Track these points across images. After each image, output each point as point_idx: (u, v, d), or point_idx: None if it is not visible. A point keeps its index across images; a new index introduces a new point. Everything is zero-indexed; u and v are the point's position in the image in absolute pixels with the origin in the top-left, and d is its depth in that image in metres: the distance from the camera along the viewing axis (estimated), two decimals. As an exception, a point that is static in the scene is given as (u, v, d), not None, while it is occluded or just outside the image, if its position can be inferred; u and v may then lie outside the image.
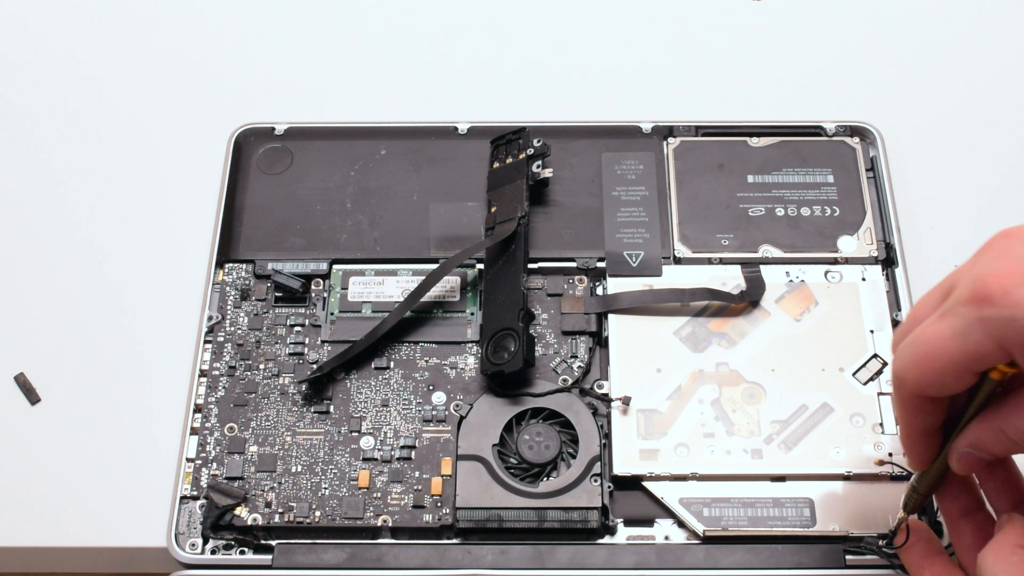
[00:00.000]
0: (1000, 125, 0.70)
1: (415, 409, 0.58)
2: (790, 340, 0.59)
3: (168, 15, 0.76)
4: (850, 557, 0.54)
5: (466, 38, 0.75)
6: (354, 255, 0.63)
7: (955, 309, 0.42)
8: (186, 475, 0.57)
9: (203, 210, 0.65)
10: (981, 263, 0.42)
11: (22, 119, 0.71)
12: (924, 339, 0.43)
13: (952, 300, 0.42)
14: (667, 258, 0.62)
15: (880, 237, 0.63)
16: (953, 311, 0.42)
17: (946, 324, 0.42)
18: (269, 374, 0.60)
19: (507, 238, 0.61)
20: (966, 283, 0.42)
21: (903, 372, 0.44)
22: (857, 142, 0.66)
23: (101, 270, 0.65)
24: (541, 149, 0.64)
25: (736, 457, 0.56)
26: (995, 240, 0.43)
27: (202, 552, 0.55)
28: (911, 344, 0.44)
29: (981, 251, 0.43)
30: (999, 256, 0.42)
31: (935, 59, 0.73)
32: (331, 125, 0.68)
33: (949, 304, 0.42)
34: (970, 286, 0.41)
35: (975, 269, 0.42)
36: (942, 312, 0.43)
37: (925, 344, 0.43)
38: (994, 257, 0.42)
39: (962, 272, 0.43)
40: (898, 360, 0.45)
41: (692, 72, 0.73)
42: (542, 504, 0.55)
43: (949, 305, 0.42)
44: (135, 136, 0.70)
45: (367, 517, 0.56)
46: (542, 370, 0.59)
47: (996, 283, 0.40)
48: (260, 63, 0.73)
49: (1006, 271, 0.40)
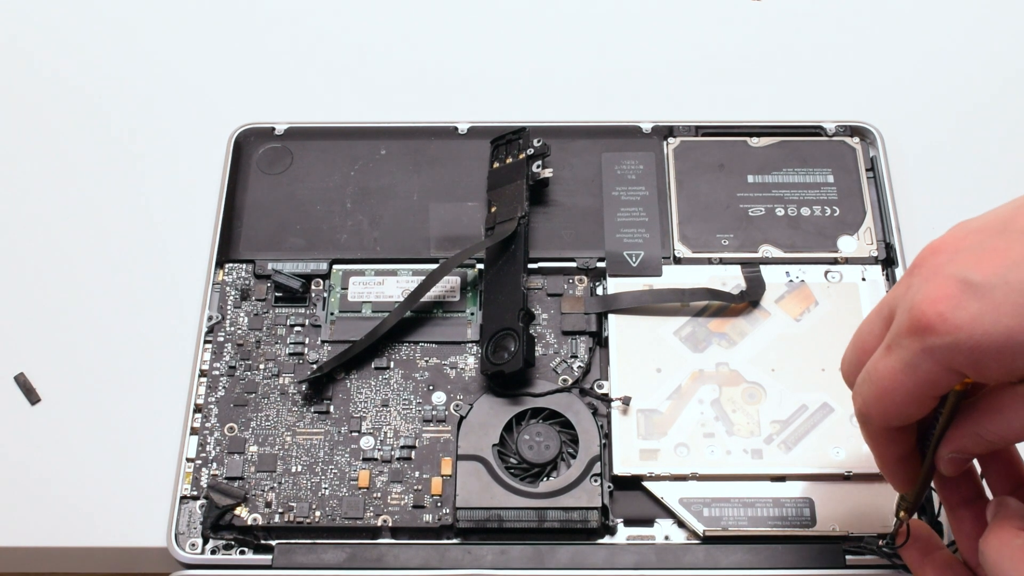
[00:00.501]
0: (1000, 125, 0.70)
1: (415, 409, 0.58)
2: (790, 340, 0.59)
3: (168, 15, 0.76)
4: (850, 557, 0.54)
5: (466, 38, 0.75)
6: (354, 255, 0.63)
7: (899, 341, 0.41)
8: (186, 475, 0.57)
9: (203, 210, 0.65)
10: (915, 286, 0.41)
11: (22, 119, 0.71)
12: (878, 376, 0.42)
13: (894, 331, 0.42)
14: (667, 258, 0.62)
15: (880, 237, 0.63)
16: (898, 344, 0.41)
17: (894, 358, 0.41)
18: (269, 374, 0.60)
19: (507, 238, 0.61)
20: (904, 311, 0.41)
21: (866, 410, 0.44)
22: (857, 142, 0.66)
23: (101, 270, 0.65)
24: (541, 149, 0.64)
25: (736, 457, 0.56)
26: (924, 257, 0.42)
27: (202, 552, 0.55)
28: (866, 381, 0.43)
29: (912, 269, 0.42)
30: (930, 277, 0.40)
31: (935, 59, 0.73)
32: (331, 125, 0.68)
33: (892, 335, 0.42)
34: (907, 315, 0.40)
35: (910, 294, 0.41)
36: (887, 344, 0.42)
37: (880, 381, 0.42)
38: (925, 278, 0.40)
39: (899, 293, 0.42)
40: (858, 398, 0.44)
41: (692, 72, 0.73)
42: (542, 504, 0.55)
43: (892, 336, 0.42)
44: (135, 136, 0.70)
45: (367, 517, 0.56)
46: (542, 370, 0.59)
47: (932, 310, 0.39)
48: (260, 63, 0.73)
49: (939, 294, 0.39)
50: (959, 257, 0.40)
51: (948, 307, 0.39)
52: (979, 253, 0.40)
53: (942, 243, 0.41)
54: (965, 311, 0.39)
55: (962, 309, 0.39)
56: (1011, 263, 0.39)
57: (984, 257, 0.39)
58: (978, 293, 0.39)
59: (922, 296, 0.40)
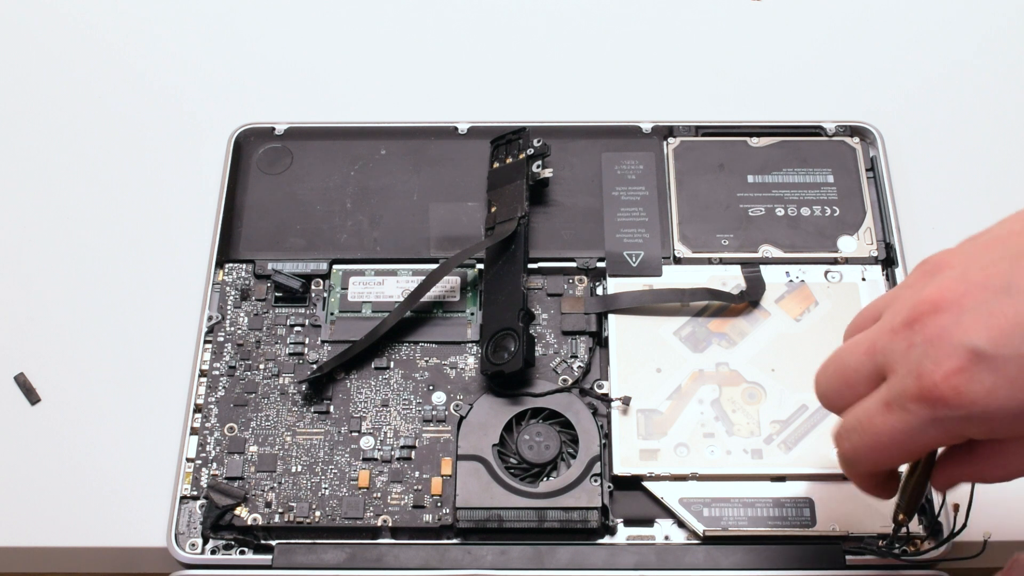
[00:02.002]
0: (1000, 125, 0.70)
1: (415, 409, 0.58)
2: (790, 340, 0.59)
3: (168, 15, 0.76)
4: (850, 557, 0.54)
5: (466, 38, 0.75)
6: (354, 255, 0.63)
7: (905, 405, 0.40)
8: (186, 475, 0.57)
9: (203, 210, 0.65)
10: (919, 348, 0.39)
11: (22, 120, 0.71)
12: (875, 431, 0.41)
13: (898, 392, 0.40)
14: (667, 258, 0.62)
15: (880, 237, 0.63)
16: (903, 407, 0.40)
17: (897, 419, 0.40)
18: (269, 374, 0.60)
19: (507, 238, 0.61)
20: (910, 376, 0.40)
21: (854, 457, 0.43)
22: (857, 142, 0.66)
23: (101, 270, 0.65)
24: (541, 149, 0.64)
25: (736, 457, 0.56)
26: (923, 314, 0.40)
27: (202, 552, 0.55)
28: (859, 432, 0.42)
29: (912, 324, 0.40)
30: (936, 342, 0.39)
31: (935, 59, 0.73)
32: (331, 125, 0.68)
33: (896, 396, 0.40)
34: (916, 382, 0.39)
35: (913, 355, 0.40)
36: (888, 402, 0.41)
37: (878, 436, 0.41)
38: (931, 342, 0.39)
39: (896, 346, 0.40)
40: (846, 444, 0.43)
41: (692, 72, 0.73)
42: (542, 504, 0.55)
43: (896, 397, 0.40)
44: (135, 136, 0.70)
45: (367, 517, 0.56)
46: (542, 370, 0.59)
47: (945, 384, 0.38)
48: (260, 63, 0.73)
49: (950, 367, 0.38)
50: (965, 321, 0.39)
51: (962, 381, 0.38)
52: (986, 317, 0.38)
53: (942, 297, 0.40)
54: (980, 385, 0.38)
55: (976, 383, 0.38)
56: (1020, 331, 0.38)
57: (992, 323, 0.38)
58: (991, 365, 0.38)
59: (932, 366, 0.39)
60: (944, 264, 0.41)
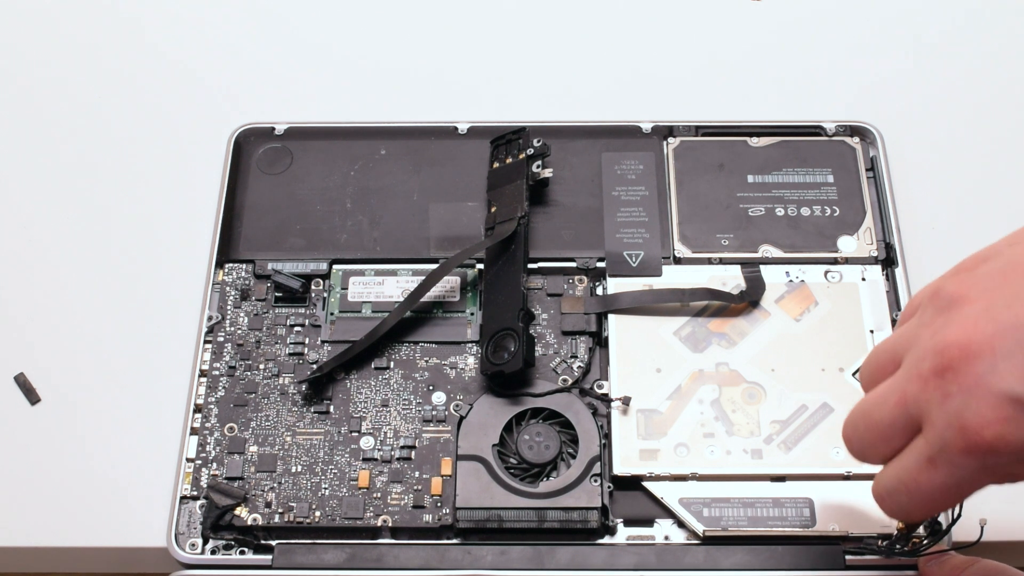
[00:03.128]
0: (1000, 125, 0.70)
1: (415, 409, 0.58)
2: (790, 340, 0.59)
3: (168, 15, 0.76)
4: (850, 557, 0.54)
5: (466, 38, 0.75)
6: (354, 255, 0.63)
7: (950, 459, 0.40)
8: (186, 475, 0.57)
9: (203, 210, 0.65)
10: (956, 398, 0.39)
11: (22, 119, 0.71)
12: (923, 489, 0.41)
13: (940, 447, 0.40)
14: (667, 258, 0.62)
15: (880, 237, 0.63)
16: (948, 461, 0.40)
17: (944, 474, 0.40)
18: (269, 374, 0.60)
19: (507, 238, 0.61)
20: (951, 428, 0.39)
21: (904, 516, 0.44)
22: (857, 142, 0.66)
23: (101, 270, 0.65)
24: (541, 149, 0.64)
25: (736, 457, 0.56)
26: (956, 359, 0.39)
27: (202, 552, 0.55)
28: (906, 493, 0.42)
29: (943, 372, 0.39)
30: (973, 391, 0.38)
31: (935, 59, 0.73)
32: (331, 125, 0.68)
33: (939, 451, 0.40)
34: (959, 435, 0.39)
35: (951, 406, 0.39)
36: (931, 458, 0.40)
37: (927, 494, 0.41)
38: (969, 392, 0.38)
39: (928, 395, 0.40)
40: (894, 506, 0.43)
41: (692, 72, 0.73)
42: (542, 504, 0.55)
43: (939, 452, 0.40)
44: (135, 136, 0.70)
45: (367, 517, 0.56)
46: (542, 370, 0.59)
47: (989, 433, 0.38)
48: (260, 63, 0.73)
49: (993, 416, 0.38)
50: (1001, 367, 0.38)
51: (1006, 429, 0.38)
52: (1022, 362, 0.38)
53: (970, 340, 0.39)
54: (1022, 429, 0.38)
55: (1021, 428, 0.38)
56: None
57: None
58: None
59: (974, 417, 0.38)
60: (962, 298, 0.40)
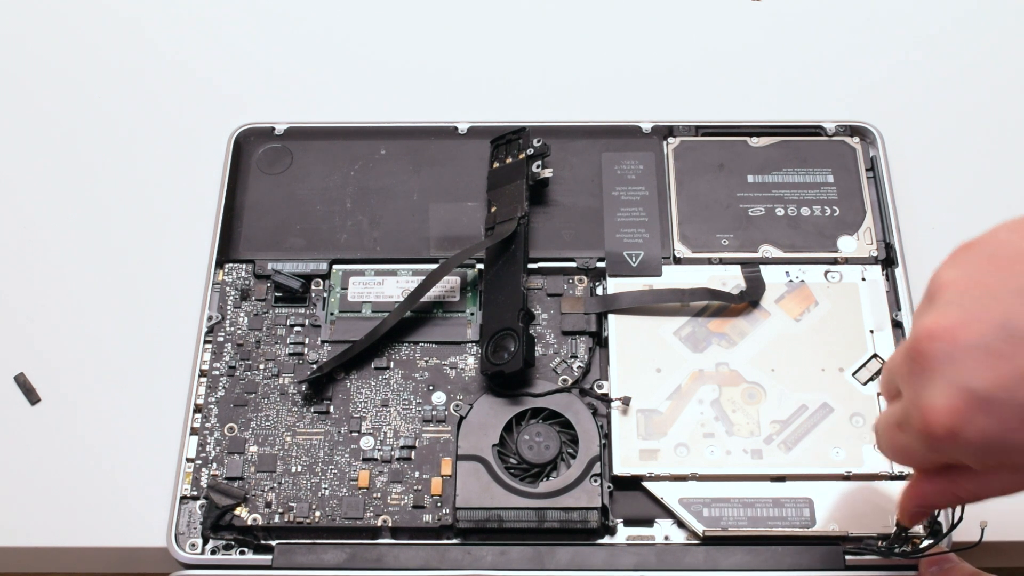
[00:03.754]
0: (1000, 125, 0.70)
1: (415, 409, 0.58)
2: (790, 340, 0.59)
3: (168, 15, 0.76)
4: (850, 557, 0.54)
5: (466, 38, 0.75)
6: (354, 255, 0.63)
7: (908, 432, 0.43)
8: (186, 475, 0.57)
9: (203, 210, 0.65)
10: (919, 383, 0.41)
11: (22, 119, 0.71)
12: (890, 443, 0.45)
13: (905, 418, 0.43)
14: (667, 258, 0.62)
15: (880, 237, 0.63)
16: (908, 432, 0.43)
17: (905, 440, 0.43)
18: (269, 374, 0.60)
19: (507, 238, 0.61)
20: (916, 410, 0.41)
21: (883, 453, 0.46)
22: (857, 142, 0.66)
23: (101, 270, 0.65)
24: (541, 149, 0.64)
25: (736, 457, 0.56)
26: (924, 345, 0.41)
27: (202, 552, 0.55)
28: (880, 439, 0.46)
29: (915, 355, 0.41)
30: (935, 378, 0.40)
31: (935, 59, 0.73)
32: (331, 125, 0.68)
33: (903, 419, 0.43)
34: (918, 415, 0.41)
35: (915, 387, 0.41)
36: (899, 422, 0.43)
37: (891, 448, 0.45)
38: (930, 378, 0.41)
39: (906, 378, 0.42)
40: (877, 441, 0.47)
41: (692, 72, 0.73)
42: (542, 504, 0.55)
43: (903, 421, 0.43)
44: (135, 136, 0.70)
45: (367, 517, 0.56)
46: (542, 370, 0.59)
47: (940, 423, 0.40)
48: (260, 63, 0.74)
49: (947, 406, 0.40)
50: (960, 358, 0.39)
51: (956, 421, 0.40)
52: (984, 359, 0.39)
53: (937, 325, 0.40)
54: (973, 426, 0.39)
55: (970, 424, 0.39)
56: (1017, 377, 0.38)
57: (989, 365, 0.39)
58: (985, 408, 0.39)
59: (929, 402, 0.40)
60: (944, 285, 0.41)
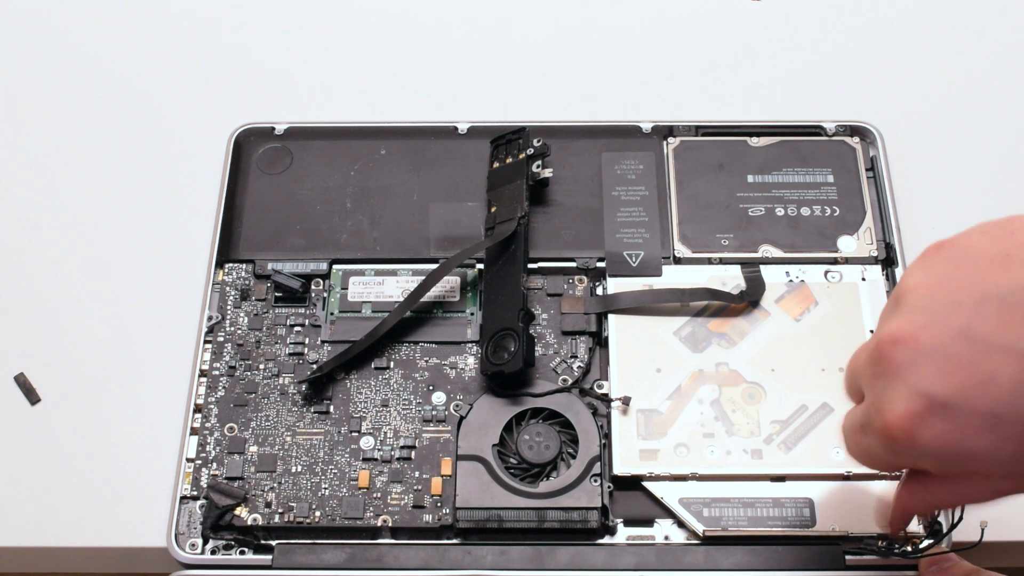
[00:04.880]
0: (1000, 125, 0.70)
1: (415, 409, 0.58)
2: (790, 340, 0.59)
3: (168, 15, 0.76)
4: (850, 557, 0.54)
5: (466, 38, 0.75)
6: (354, 255, 0.63)
7: (870, 434, 0.43)
8: (186, 475, 0.57)
9: (203, 210, 0.65)
10: (879, 386, 0.42)
11: (22, 119, 0.71)
12: (854, 446, 0.45)
13: (866, 421, 0.43)
14: (667, 258, 0.62)
15: (880, 237, 0.63)
16: (870, 435, 0.43)
17: (868, 443, 0.44)
18: (269, 374, 0.60)
19: (507, 238, 0.61)
20: (873, 406, 0.42)
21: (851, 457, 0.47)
22: (857, 142, 0.66)
23: (101, 270, 0.65)
24: (541, 149, 0.64)
25: (736, 457, 0.56)
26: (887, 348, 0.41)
27: (202, 552, 0.55)
28: (846, 441, 0.46)
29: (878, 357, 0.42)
30: (895, 382, 0.41)
31: (935, 59, 0.73)
32: (331, 125, 0.68)
33: (866, 421, 0.43)
34: (878, 418, 0.42)
35: (876, 389, 0.42)
36: (862, 425, 0.44)
37: (856, 450, 0.45)
38: (890, 381, 0.41)
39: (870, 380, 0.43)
40: (846, 444, 0.47)
41: (692, 72, 0.73)
42: (542, 504, 0.55)
43: (866, 423, 0.43)
44: (135, 136, 0.70)
45: (367, 517, 0.56)
46: (542, 370, 0.59)
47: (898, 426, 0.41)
48: (260, 63, 0.74)
49: (905, 410, 0.40)
50: (921, 363, 0.40)
51: (914, 425, 0.40)
52: (943, 364, 0.39)
53: (901, 330, 0.41)
54: (930, 430, 0.40)
55: (927, 428, 0.40)
56: (975, 385, 0.39)
57: (948, 371, 0.39)
58: (943, 413, 0.40)
59: (889, 405, 0.41)
60: (911, 288, 0.42)
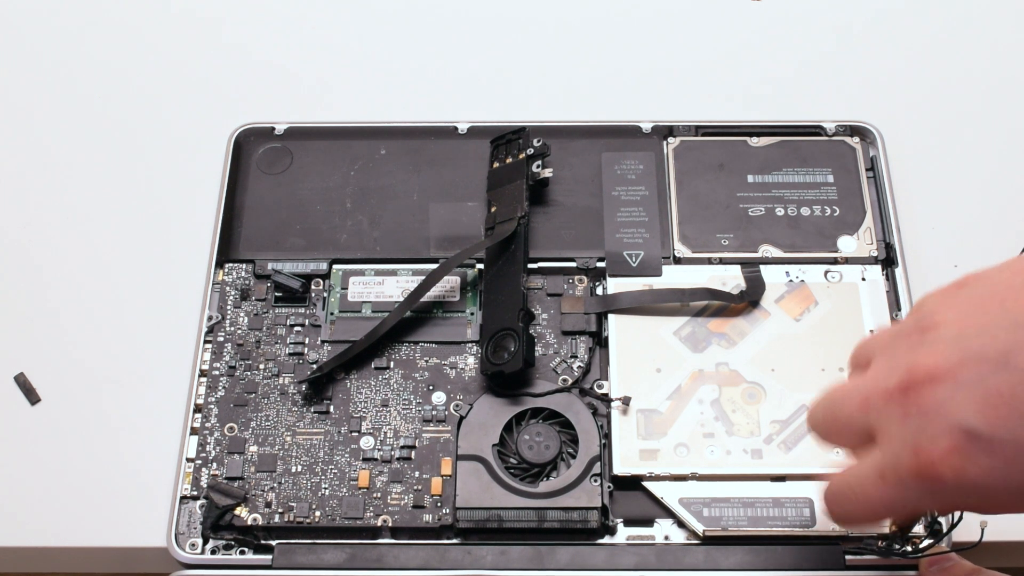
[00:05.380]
0: (1000, 125, 0.70)
1: (415, 409, 0.58)
2: (790, 340, 0.59)
3: (168, 15, 0.76)
4: (850, 557, 0.54)
5: (466, 38, 0.75)
6: (354, 255, 0.63)
7: (900, 478, 0.40)
8: (186, 475, 0.57)
9: (203, 210, 0.65)
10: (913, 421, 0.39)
11: (22, 119, 0.71)
12: (869, 500, 0.42)
13: (893, 466, 0.40)
14: (667, 258, 0.62)
15: (880, 237, 0.63)
16: (898, 481, 0.40)
17: (893, 491, 0.40)
18: (269, 374, 0.60)
19: (507, 238, 0.61)
20: (907, 451, 0.39)
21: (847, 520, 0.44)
22: (857, 142, 0.66)
23: (101, 270, 0.65)
24: (541, 149, 0.64)
25: (736, 457, 0.56)
26: (918, 382, 0.39)
27: (202, 552, 0.55)
28: (852, 500, 0.42)
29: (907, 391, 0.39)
30: (932, 417, 0.38)
31: (935, 59, 0.73)
32: (331, 125, 0.68)
33: (891, 469, 0.40)
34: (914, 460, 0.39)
35: (908, 426, 0.39)
36: (882, 474, 0.41)
37: (872, 505, 0.42)
38: (927, 417, 0.39)
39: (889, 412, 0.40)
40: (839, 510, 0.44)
41: (692, 72, 0.73)
42: (542, 504, 0.55)
43: (891, 471, 0.40)
44: (135, 136, 0.70)
45: (367, 517, 0.56)
46: (542, 370, 0.59)
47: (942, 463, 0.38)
48: (260, 63, 0.73)
49: (947, 446, 0.38)
50: (960, 397, 0.38)
51: (959, 462, 0.38)
52: (982, 395, 0.37)
53: (936, 366, 0.39)
54: (977, 467, 0.38)
55: (974, 464, 0.38)
56: (1019, 416, 0.37)
57: (988, 402, 0.37)
58: (987, 448, 0.37)
59: (929, 444, 0.38)
60: (939, 322, 0.40)
